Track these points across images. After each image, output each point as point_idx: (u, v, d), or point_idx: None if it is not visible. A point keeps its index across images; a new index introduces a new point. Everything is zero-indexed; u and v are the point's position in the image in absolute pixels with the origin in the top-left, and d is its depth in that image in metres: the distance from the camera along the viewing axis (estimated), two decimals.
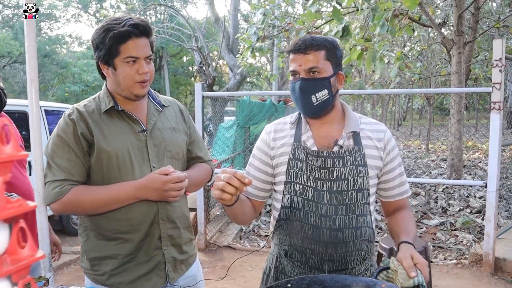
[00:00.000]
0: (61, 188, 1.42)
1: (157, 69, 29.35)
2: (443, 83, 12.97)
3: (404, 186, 1.51)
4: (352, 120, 1.45)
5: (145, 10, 23.01)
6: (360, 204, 1.40)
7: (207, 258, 4.37)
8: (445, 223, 5.15)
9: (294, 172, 1.43)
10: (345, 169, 1.39)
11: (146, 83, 1.50)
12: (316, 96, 1.37)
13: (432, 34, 10.59)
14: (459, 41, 6.17)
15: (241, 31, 10.97)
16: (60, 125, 1.48)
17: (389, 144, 1.47)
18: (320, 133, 1.45)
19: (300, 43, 1.36)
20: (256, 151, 1.55)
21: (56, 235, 2.07)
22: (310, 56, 1.35)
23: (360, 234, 1.41)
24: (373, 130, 1.48)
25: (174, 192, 1.44)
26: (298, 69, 1.37)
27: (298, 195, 1.42)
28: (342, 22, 5.48)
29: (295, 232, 1.43)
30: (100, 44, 1.44)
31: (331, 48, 1.38)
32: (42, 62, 23.67)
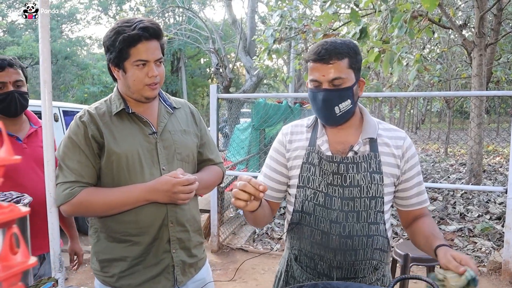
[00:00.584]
0: (71, 190, 1.43)
1: (174, 70, 29.63)
2: (464, 86, 12.72)
3: (423, 196, 1.46)
4: (369, 126, 1.41)
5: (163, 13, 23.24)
6: (372, 212, 1.36)
7: (220, 260, 4.35)
8: (463, 229, 5.04)
9: (306, 176, 1.41)
10: (358, 175, 1.35)
11: (156, 86, 1.49)
12: (340, 107, 1.32)
13: (453, 36, 10.41)
14: (481, 43, 6.03)
15: (258, 33, 10.97)
16: (72, 128, 1.49)
17: (408, 152, 1.42)
18: (336, 138, 1.42)
19: (322, 51, 1.29)
20: (272, 152, 1.54)
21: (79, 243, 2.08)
22: (333, 65, 1.29)
23: (372, 242, 1.36)
24: (392, 137, 1.43)
25: (183, 195, 1.43)
26: (321, 79, 1.31)
27: (310, 200, 1.40)
28: (360, 24, 5.41)
29: (304, 237, 1.41)
30: (111, 46, 1.44)
31: (354, 55, 1.32)
32: (63, 63, 24.13)
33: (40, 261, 1.86)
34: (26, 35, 21.76)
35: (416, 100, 17.91)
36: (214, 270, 4.10)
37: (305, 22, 7.32)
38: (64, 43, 25.17)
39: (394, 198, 1.47)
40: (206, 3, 27.40)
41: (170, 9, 21.87)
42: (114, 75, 1.53)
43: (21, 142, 1.84)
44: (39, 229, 1.75)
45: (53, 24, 25.93)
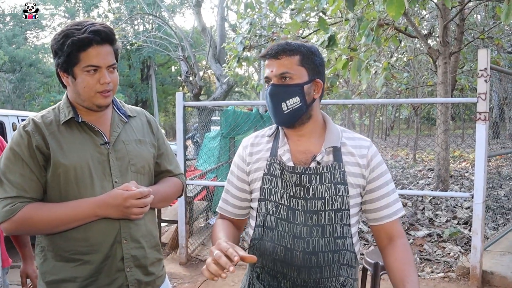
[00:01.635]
0: (12, 206, 1.30)
1: (144, 78, 29.25)
2: (430, 93, 13.04)
3: (393, 207, 1.35)
4: (332, 134, 1.34)
5: (132, 20, 22.93)
6: (338, 226, 1.28)
7: (188, 272, 4.22)
8: (432, 235, 5.08)
9: (268, 189, 1.33)
10: (322, 187, 1.28)
11: (109, 93, 1.39)
12: (287, 104, 1.28)
13: (419, 44, 10.65)
14: (445, 52, 6.17)
15: (228, 40, 10.93)
16: (14, 138, 1.37)
17: (373, 160, 1.35)
18: (298, 147, 1.35)
19: (274, 48, 1.29)
20: (233, 167, 1.46)
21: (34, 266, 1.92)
22: (282, 61, 1.27)
23: (338, 258, 1.29)
24: (356, 146, 1.36)
25: (136, 209, 1.33)
26: (270, 74, 1.29)
27: (272, 214, 1.32)
28: (328, 32, 5.44)
29: (267, 253, 1.32)
30: (59, 50, 1.34)
31: (307, 54, 1.29)
32: (28, 71, 23.38)
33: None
34: None
35: (385, 107, 18.25)
36: (183, 283, 3.96)
37: (274, 30, 7.32)
38: (29, 50, 24.42)
39: (362, 211, 1.40)
40: (176, 10, 27.24)
41: (139, 16, 21.59)
42: (63, 82, 1.42)
43: None
44: None
45: (17, 31, 25.15)
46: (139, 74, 29.12)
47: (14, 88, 24.24)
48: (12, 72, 23.51)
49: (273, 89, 1.29)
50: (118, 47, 1.45)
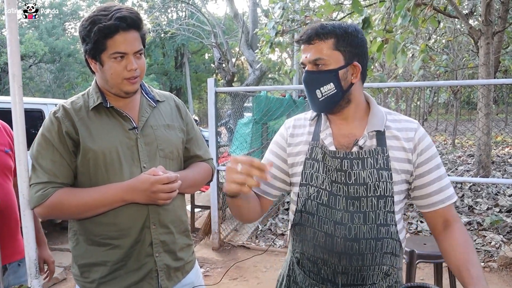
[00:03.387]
0: (44, 191, 1.33)
1: (178, 66, 29.57)
2: (471, 76, 12.52)
3: (446, 192, 1.28)
4: (376, 118, 1.28)
5: (166, 8, 23.12)
6: (381, 213, 1.23)
7: (221, 258, 4.26)
8: (472, 223, 4.90)
9: (310, 173, 1.30)
10: (364, 172, 1.23)
11: (136, 79, 1.38)
12: (321, 91, 1.23)
13: (459, 25, 10.19)
14: (488, 31, 5.86)
15: (261, 26, 10.83)
16: (45, 124, 1.39)
17: (421, 144, 1.27)
18: (341, 131, 1.30)
19: (307, 32, 1.23)
20: (272, 145, 1.43)
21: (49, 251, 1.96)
22: (314, 46, 1.21)
23: (381, 246, 1.24)
24: (402, 129, 1.29)
25: (163, 195, 1.32)
26: (305, 60, 1.24)
27: (313, 199, 1.28)
28: (362, 14, 5.26)
29: (307, 239, 1.30)
30: (86, 37, 1.34)
31: (343, 36, 1.21)
32: (67, 61, 24.09)
33: (2, 272, 1.75)
34: (28, 34, 21.72)
35: (422, 91, 17.68)
36: (215, 268, 4.01)
37: (307, 13, 7.16)
38: (67, 40, 25.12)
39: (412, 198, 1.34)
40: None
41: (172, 4, 21.74)
42: (91, 68, 1.42)
43: None
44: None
45: (56, 22, 25.92)
46: (173, 62, 29.45)
47: (54, 78, 25.10)
48: (52, 63, 24.32)
49: (307, 76, 1.25)
50: (145, 32, 1.43)
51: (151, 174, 1.32)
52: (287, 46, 7.93)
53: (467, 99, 16.39)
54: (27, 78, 22.81)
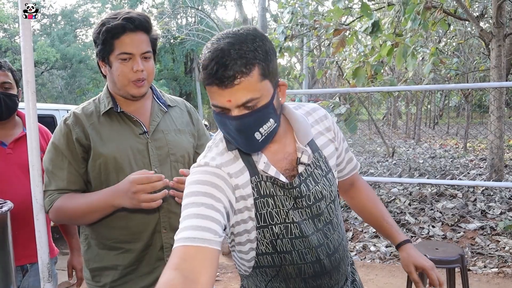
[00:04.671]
0: (51, 197, 1.37)
1: (188, 71, 29.72)
2: (482, 79, 12.37)
3: (353, 161, 1.38)
4: (301, 126, 1.13)
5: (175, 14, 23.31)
6: (338, 213, 1.23)
7: (231, 262, 4.25)
8: (485, 228, 4.83)
9: (267, 213, 1.10)
10: (319, 186, 1.15)
11: (143, 83, 1.39)
12: (261, 132, 1.01)
13: (469, 28, 10.12)
14: (499, 34, 5.80)
15: (270, 31, 10.86)
16: (55, 132, 1.42)
17: (334, 127, 1.24)
18: (275, 155, 1.13)
19: (220, 71, 0.92)
20: (207, 188, 1.03)
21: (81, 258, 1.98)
22: (240, 86, 0.94)
23: (346, 240, 1.28)
24: (317, 121, 1.21)
25: (145, 196, 1.24)
26: (228, 105, 0.97)
27: (282, 237, 1.12)
28: (371, 18, 5.25)
29: (293, 277, 1.17)
30: (97, 39, 1.37)
31: (265, 57, 0.96)
32: (78, 67, 24.39)
33: (22, 272, 1.78)
34: (40, 41, 22.04)
35: (433, 94, 17.55)
36: (226, 273, 4.00)
37: (316, 18, 7.17)
38: (79, 47, 25.44)
39: None
40: (218, 3, 27.41)
41: (182, 10, 21.90)
42: (102, 72, 1.45)
43: (6, 147, 1.76)
44: (21, 238, 1.69)
45: (68, 29, 26.26)
46: (183, 67, 29.61)
47: (66, 84, 25.42)
48: (63, 69, 24.64)
49: (241, 123, 0.98)
50: (156, 36, 1.44)
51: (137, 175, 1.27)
52: (296, 50, 7.95)
53: (479, 102, 16.22)
54: (39, 85, 23.12)
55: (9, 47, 20.52)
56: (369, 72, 5.39)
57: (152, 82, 1.49)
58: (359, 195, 1.43)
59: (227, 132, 1.04)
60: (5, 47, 20.37)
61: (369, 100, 14.40)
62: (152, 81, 1.45)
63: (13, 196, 1.59)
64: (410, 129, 16.66)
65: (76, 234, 2.01)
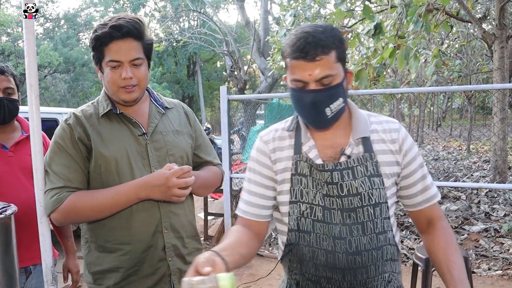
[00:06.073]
0: (59, 195, 1.35)
1: (190, 74, 29.78)
2: (485, 80, 12.36)
3: (430, 191, 1.28)
4: (360, 123, 1.24)
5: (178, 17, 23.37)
6: (379, 221, 1.20)
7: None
8: (489, 230, 4.81)
9: (299, 190, 1.23)
10: (356, 182, 1.19)
11: (133, 89, 1.40)
12: (331, 108, 1.15)
13: (472, 29, 10.10)
14: (502, 35, 5.79)
15: (272, 34, 10.88)
16: (57, 132, 1.42)
17: (405, 143, 1.26)
18: (324, 142, 1.24)
19: (307, 46, 1.10)
20: (254, 164, 1.31)
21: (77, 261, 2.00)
22: (320, 62, 1.10)
23: (382, 254, 1.21)
24: (386, 130, 1.26)
25: (178, 190, 1.32)
26: (307, 78, 1.12)
27: (306, 216, 1.22)
28: (374, 20, 5.25)
29: (306, 259, 1.23)
30: (90, 45, 1.40)
31: (340, 44, 1.14)
32: (81, 71, 24.51)
33: (26, 274, 1.79)
34: (44, 45, 22.13)
35: (435, 96, 17.52)
36: None
37: (318, 20, 7.18)
38: (81, 51, 25.54)
39: (398, 197, 1.32)
40: (220, 6, 27.48)
41: (184, 13, 21.96)
42: (99, 76, 1.48)
43: (7, 150, 1.78)
44: (24, 240, 1.70)
45: (70, 33, 26.39)
46: (185, 70, 29.69)
47: (69, 88, 25.53)
48: (66, 73, 24.75)
49: (316, 96, 1.13)
50: (150, 42, 1.44)
51: (166, 169, 1.34)
52: None
53: (482, 104, 16.17)
54: (42, 88, 23.23)
55: (13, 51, 20.62)
56: (372, 74, 5.38)
57: (155, 85, 1.51)
58: (433, 240, 1.27)
59: (301, 107, 1.18)
60: (9, 51, 20.46)
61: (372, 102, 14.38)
62: (145, 86, 1.46)
63: (15, 198, 1.60)
64: (413, 131, 16.62)
65: (71, 237, 2.02)
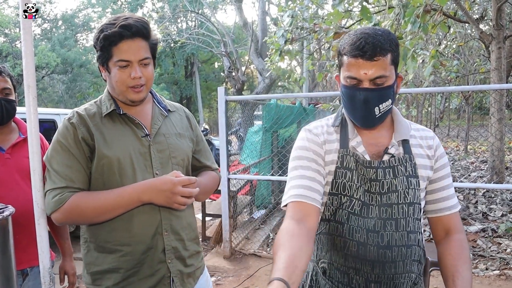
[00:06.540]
0: (61, 196, 1.33)
1: (188, 75, 29.76)
2: (482, 81, 12.38)
3: (452, 200, 1.33)
4: (402, 126, 1.31)
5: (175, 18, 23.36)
6: (411, 220, 1.23)
7: (232, 266, 4.24)
8: (487, 230, 4.82)
9: (342, 183, 1.27)
10: (396, 180, 1.24)
11: (141, 89, 1.40)
12: (380, 108, 1.21)
13: (469, 30, 10.12)
14: (499, 36, 5.81)
15: (270, 34, 10.87)
16: (60, 130, 1.41)
17: (437, 151, 1.33)
18: (369, 140, 1.30)
19: (366, 46, 1.15)
20: (306, 153, 1.30)
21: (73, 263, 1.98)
22: (377, 63, 1.16)
23: (411, 253, 1.23)
24: (422, 137, 1.34)
25: (181, 198, 1.33)
26: (362, 77, 1.17)
27: (344, 208, 1.26)
28: (371, 21, 5.26)
29: (336, 248, 1.27)
30: (96, 45, 1.38)
31: (396, 49, 1.19)
32: (78, 71, 24.42)
33: (22, 277, 1.78)
34: (41, 45, 22.08)
35: (433, 97, 17.55)
36: (227, 277, 4.00)
37: (316, 21, 7.17)
38: (79, 51, 25.48)
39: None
40: (218, 7, 27.48)
41: (182, 14, 21.95)
42: (103, 76, 1.46)
43: (4, 152, 1.77)
44: (21, 242, 1.69)
45: (68, 34, 26.31)
46: (183, 71, 29.65)
47: (67, 89, 25.44)
48: (64, 74, 24.66)
49: (368, 95, 1.19)
50: (155, 41, 1.45)
51: (173, 176, 1.34)
52: (296, 54, 7.95)
53: (479, 105, 16.21)
54: (40, 89, 23.15)
55: (10, 52, 20.54)
56: None
57: (152, 86, 1.50)
58: (446, 249, 1.27)
59: (352, 104, 1.23)
60: (6, 52, 20.39)
61: None
62: (151, 86, 1.46)
63: (13, 200, 1.59)
64: None
65: (68, 239, 2.01)
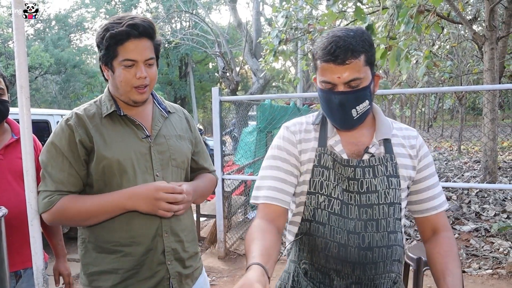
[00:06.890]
0: (51, 199, 1.34)
1: (182, 76, 29.69)
2: (475, 81, 12.47)
3: (438, 199, 1.32)
4: (384, 126, 1.30)
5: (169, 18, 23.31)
6: (391, 220, 1.23)
7: (227, 267, 4.24)
8: (479, 229, 4.85)
9: (319, 181, 1.26)
10: (376, 180, 1.23)
11: (145, 89, 1.39)
12: (357, 109, 1.20)
13: (463, 31, 10.19)
14: (492, 37, 5.85)
15: (264, 35, 10.89)
16: (56, 132, 1.40)
17: (421, 150, 1.32)
18: (349, 139, 1.29)
19: (337, 50, 1.14)
20: (279, 152, 1.31)
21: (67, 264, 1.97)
22: (350, 66, 1.15)
23: (391, 253, 1.23)
24: (405, 137, 1.33)
25: (166, 205, 1.32)
26: (336, 81, 1.17)
27: (323, 208, 1.25)
28: (365, 21, 5.28)
29: (317, 249, 1.26)
30: (100, 44, 1.36)
31: (370, 49, 1.18)
32: (72, 72, 24.32)
33: (16, 278, 1.77)
34: (34, 46, 21.94)
35: (427, 97, 17.65)
36: (221, 277, 3.99)
37: (310, 22, 7.19)
38: (73, 52, 25.36)
39: (407, 203, 1.35)
40: (212, 7, 27.46)
41: (176, 14, 21.91)
42: (104, 75, 1.44)
43: None
44: (14, 244, 1.67)
45: (62, 34, 26.19)
46: (177, 71, 29.60)
47: (60, 89, 25.32)
48: (57, 74, 24.54)
49: (343, 98, 1.18)
50: (159, 42, 1.44)
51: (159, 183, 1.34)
52: (290, 54, 7.95)
53: (472, 105, 16.33)
54: (33, 90, 23.02)
55: (3, 52, 20.42)
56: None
57: None
58: (434, 247, 1.28)
59: (329, 107, 1.23)
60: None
61: None
62: (153, 86, 1.45)
63: (5, 202, 1.57)
64: None
65: (61, 240, 1.99)
